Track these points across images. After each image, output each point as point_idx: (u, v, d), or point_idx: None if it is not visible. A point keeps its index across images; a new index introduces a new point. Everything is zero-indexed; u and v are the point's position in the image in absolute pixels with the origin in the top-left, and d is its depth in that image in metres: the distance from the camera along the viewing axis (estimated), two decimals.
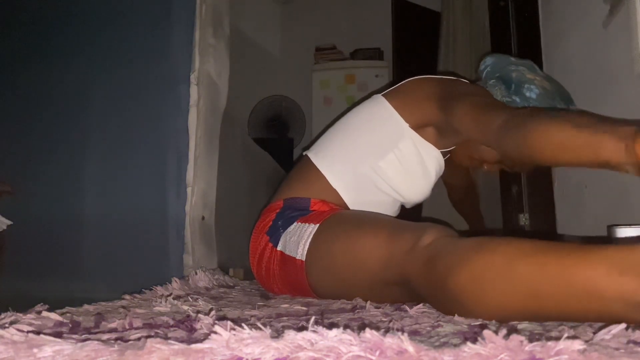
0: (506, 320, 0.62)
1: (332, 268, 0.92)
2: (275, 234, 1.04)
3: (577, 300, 0.56)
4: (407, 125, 1.10)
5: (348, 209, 1.10)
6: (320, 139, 1.20)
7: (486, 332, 0.37)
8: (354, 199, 1.10)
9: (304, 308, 0.80)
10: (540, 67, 1.56)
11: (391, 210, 1.16)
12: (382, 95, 1.15)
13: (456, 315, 0.67)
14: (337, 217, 0.98)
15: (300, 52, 3.70)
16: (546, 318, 0.61)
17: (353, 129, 1.14)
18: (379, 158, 1.09)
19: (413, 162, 1.11)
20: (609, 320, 0.49)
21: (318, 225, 0.96)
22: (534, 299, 0.60)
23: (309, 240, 0.95)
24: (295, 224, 1.02)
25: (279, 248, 1.02)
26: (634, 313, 0.52)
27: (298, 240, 0.97)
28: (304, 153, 1.19)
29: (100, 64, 1.48)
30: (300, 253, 0.96)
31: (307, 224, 0.99)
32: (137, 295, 0.91)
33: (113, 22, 1.50)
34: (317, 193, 1.09)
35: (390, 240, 0.83)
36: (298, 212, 1.05)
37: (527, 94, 1.06)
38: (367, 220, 0.95)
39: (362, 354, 0.36)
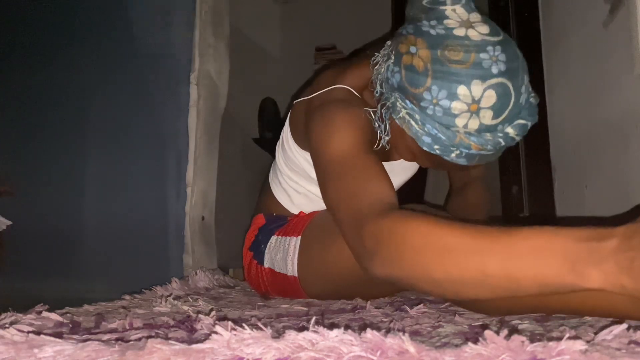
0: (512, 313, 0.62)
1: (329, 275, 0.89)
2: (257, 250, 1.02)
3: (581, 297, 0.56)
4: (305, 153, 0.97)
5: None
6: (274, 161, 1.14)
7: (487, 333, 0.37)
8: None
9: (305, 308, 0.80)
10: (541, 67, 1.56)
11: None
12: (288, 120, 1.03)
13: (456, 315, 0.67)
14: (317, 224, 0.93)
15: (300, 52, 3.70)
16: (552, 312, 0.61)
17: (280, 164, 1.08)
18: (309, 185, 1.01)
19: None
20: (615, 315, 0.49)
21: (300, 237, 0.93)
22: (540, 297, 0.59)
23: (296, 255, 0.92)
24: (274, 237, 0.99)
25: (266, 265, 1.00)
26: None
27: (284, 256, 0.95)
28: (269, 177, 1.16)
29: (100, 64, 1.48)
30: (291, 269, 0.93)
31: (287, 237, 0.96)
32: (137, 296, 0.91)
33: (113, 22, 1.50)
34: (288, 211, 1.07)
35: None
36: (276, 223, 1.03)
37: (391, 77, 0.77)
38: None
39: (363, 354, 0.36)
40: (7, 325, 0.52)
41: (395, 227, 0.59)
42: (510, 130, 0.73)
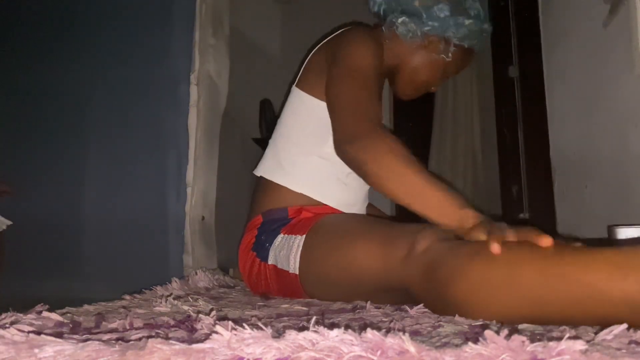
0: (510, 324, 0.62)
1: (328, 281, 0.91)
2: (261, 250, 1.02)
3: (581, 305, 0.55)
4: (325, 104, 1.02)
5: (323, 205, 1.05)
6: (265, 152, 1.15)
7: (488, 333, 0.37)
8: (323, 193, 1.05)
9: (305, 308, 0.80)
10: (541, 67, 1.56)
11: (363, 191, 1.11)
12: (295, 85, 1.12)
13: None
14: (321, 227, 0.95)
15: (300, 52, 3.69)
16: (550, 322, 0.61)
17: (288, 133, 1.09)
18: (322, 144, 1.03)
19: None
20: (614, 323, 0.49)
21: (304, 236, 0.94)
22: (538, 306, 0.59)
23: (299, 253, 0.94)
24: (280, 236, 1.00)
25: (270, 262, 1.00)
26: (639, 315, 0.52)
27: (288, 254, 0.96)
28: (256, 173, 1.14)
29: (101, 64, 1.48)
30: (292, 266, 0.94)
31: (292, 236, 0.97)
32: (137, 296, 0.91)
33: (113, 22, 1.50)
34: (290, 201, 1.05)
35: (383, 249, 0.81)
36: (278, 223, 1.03)
37: (441, 15, 1.04)
38: (354, 228, 0.92)
39: (364, 354, 0.36)
40: (7, 325, 0.52)
41: (386, 136, 0.84)
42: None
